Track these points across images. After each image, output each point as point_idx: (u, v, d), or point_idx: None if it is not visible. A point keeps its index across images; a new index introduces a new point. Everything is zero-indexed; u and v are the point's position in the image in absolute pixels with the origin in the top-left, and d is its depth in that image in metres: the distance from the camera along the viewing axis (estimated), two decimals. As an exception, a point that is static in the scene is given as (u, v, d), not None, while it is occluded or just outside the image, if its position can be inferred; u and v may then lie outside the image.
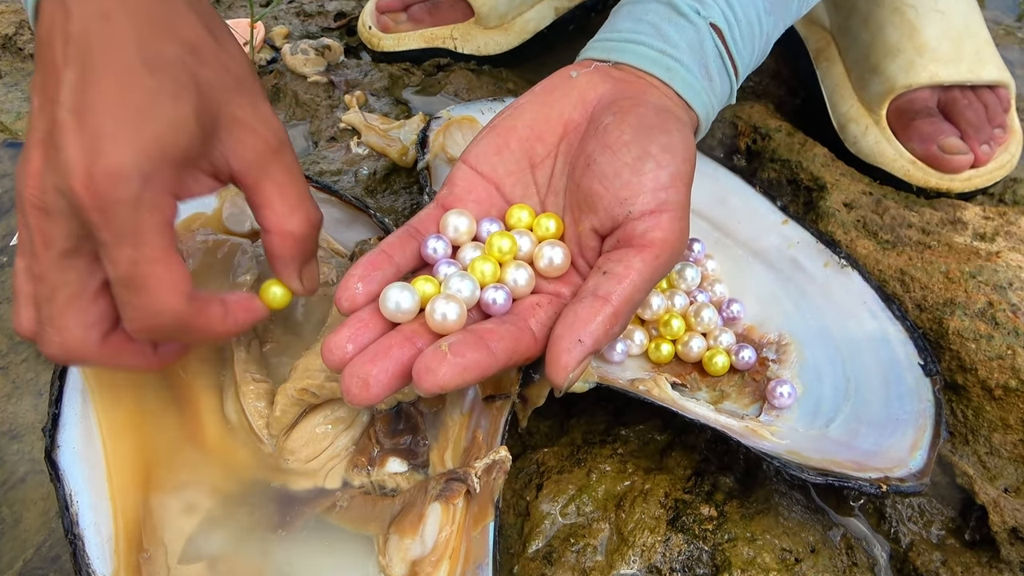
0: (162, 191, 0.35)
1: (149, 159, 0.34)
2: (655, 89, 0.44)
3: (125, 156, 0.33)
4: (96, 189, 0.33)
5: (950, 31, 0.69)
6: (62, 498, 0.41)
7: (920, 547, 0.47)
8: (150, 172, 0.34)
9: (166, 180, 0.35)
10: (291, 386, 0.42)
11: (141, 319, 0.36)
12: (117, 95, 0.34)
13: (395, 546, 0.40)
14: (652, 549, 0.44)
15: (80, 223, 0.35)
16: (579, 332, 0.37)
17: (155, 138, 0.34)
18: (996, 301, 0.53)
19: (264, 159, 0.39)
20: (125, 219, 0.34)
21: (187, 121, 0.35)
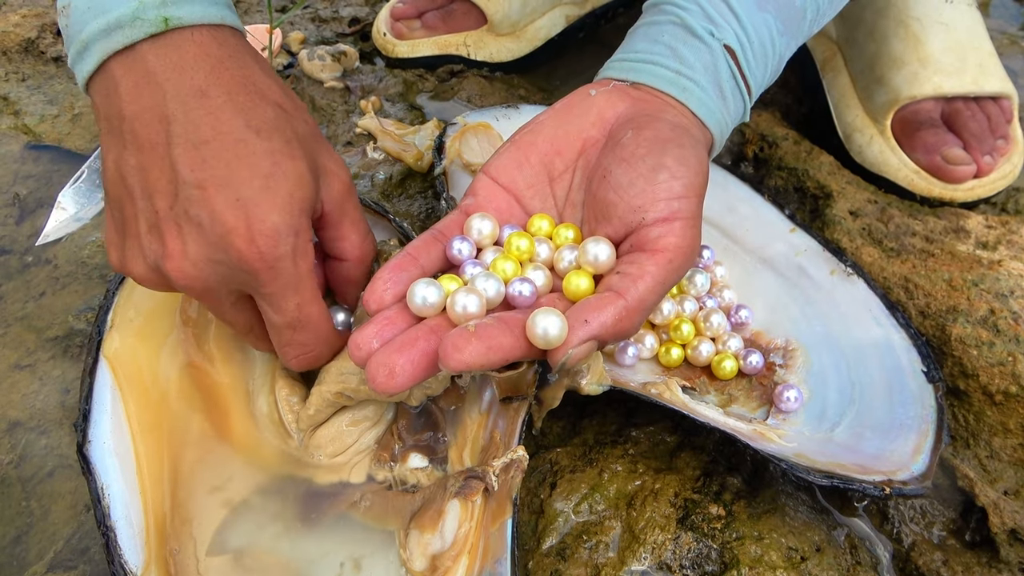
0: (307, 240, 0.40)
1: (292, 214, 0.39)
2: (671, 108, 0.45)
3: (277, 217, 0.38)
4: (261, 250, 0.38)
5: (954, 43, 0.70)
6: (94, 491, 0.42)
7: (922, 547, 0.48)
8: (296, 226, 0.39)
9: (307, 230, 0.40)
10: (327, 388, 0.43)
11: (306, 353, 0.42)
12: (240, 163, 0.38)
13: (416, 540, 0.41)
14: (662, 547, 0.46)
15: (239, 282, 0.40)
16: (587, 314, 0.38)
17: (290, 195, 0.39)
18: (998, 309, 0.55)
19: (343, 199, 0.44)
20: (288, 271, 0.39)
21: (306, 174, 0.40)
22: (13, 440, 0.51)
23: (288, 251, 0.38)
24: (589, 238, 0.41)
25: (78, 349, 0.56)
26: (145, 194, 0.39)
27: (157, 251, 0.39)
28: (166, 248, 0.38)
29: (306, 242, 0.40)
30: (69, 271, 0.61)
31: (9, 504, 0.49)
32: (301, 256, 0.39)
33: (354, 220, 0.45)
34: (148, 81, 0.39)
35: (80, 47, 0.40)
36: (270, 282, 0.39)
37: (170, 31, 0.39)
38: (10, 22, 0.80)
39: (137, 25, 0.39)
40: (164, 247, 0.38)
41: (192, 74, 0.39)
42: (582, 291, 0.41)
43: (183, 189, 0.38)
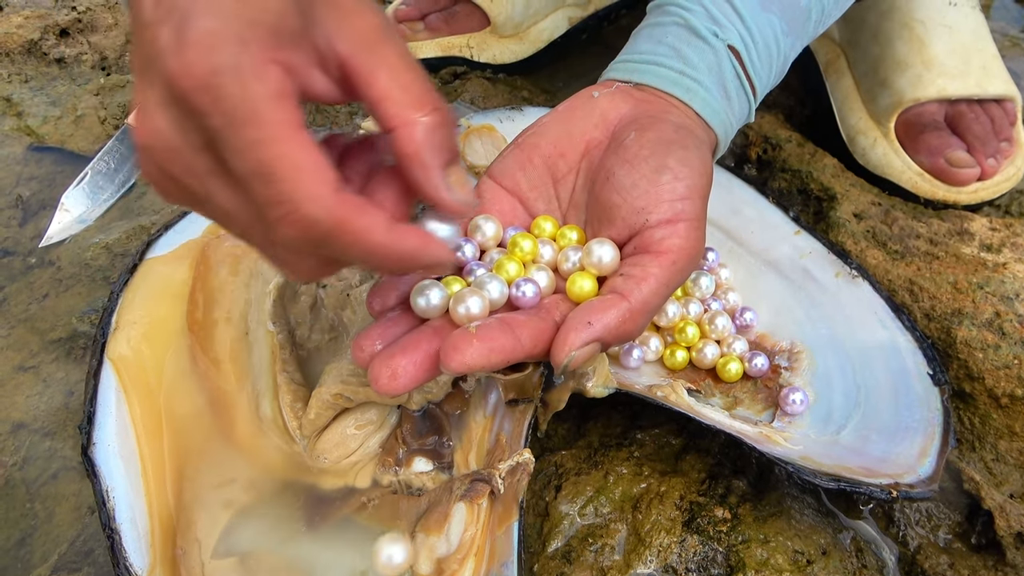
0: (264, 59, 0.30)
1: (239, 21, 0.29)
2: (675, 109, 0.45)
3: (211, 21, 0.29)
4: (190, 64, 0.29)
5: (958, 46, 0.70)
6: (99, 494, 0.42)
7: (928, 550, 0.48)
8: (244, 35, 0.29)
9: (267, 46, 0.30)
10: (326, 390, 0.43)
11: (287, 215, 0.30)
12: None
13: (422, 544, 0.41)
14: (668, 550, 0.46)
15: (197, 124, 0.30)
16: (590, 316, 0.38)
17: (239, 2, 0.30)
18: (1003, 311, 0.55)
19: (373, 41, 0.33)
20: (231, 91, 0.29)
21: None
22: (17, 442, 0.51)
23: (228, 63, 0.29)
24: (593, 240, 0.41)
25: (81, 351, 0.56)
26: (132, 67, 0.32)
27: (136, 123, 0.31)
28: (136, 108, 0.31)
29: (262, 62, 0.29)
30: (72, 273, 0.61)
31: (13, 506, 0.48)
32: (253, 76, 0.29)
33: (396, 70, 0.32)
34: None
35: None
36: (211, 108, 0.29)
37: None
38: (12, 24, 0.80)
39: None
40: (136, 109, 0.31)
41: None
42: (586, 293, 0.40)
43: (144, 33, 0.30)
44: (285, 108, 0.30)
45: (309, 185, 0.30)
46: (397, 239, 0.32)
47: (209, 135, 0.30)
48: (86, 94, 0.75)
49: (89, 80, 0.77)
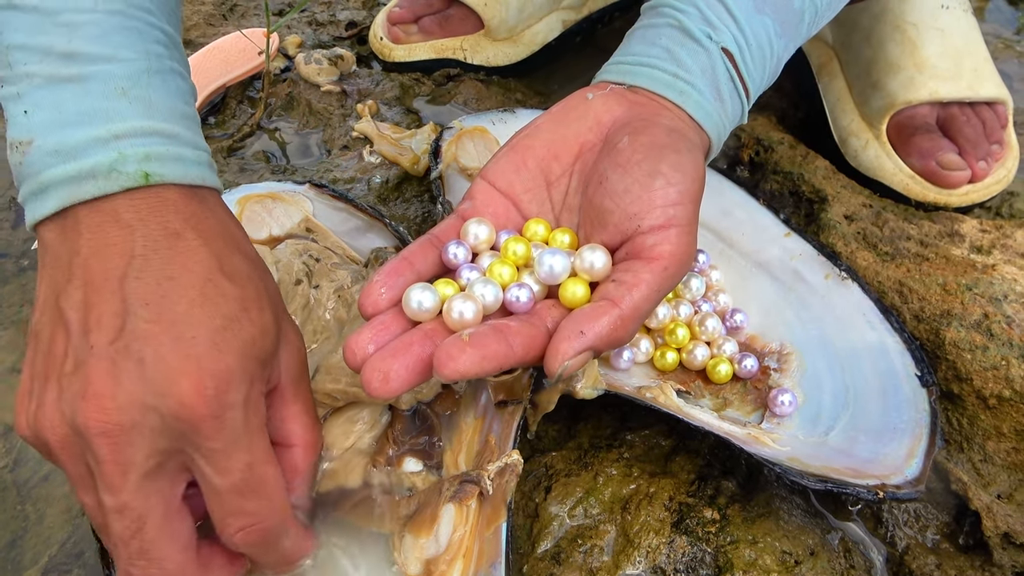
0: (261, 393, 0.36)
1: (252, 361, 0.35)
2: (668, 111, 0.45)
3: (233, 360, 0.33)
4: (209, 395, 0.32)
5: (950, 49, 0.70)
6: (89, 495, 0.42)
7: (916, 551, 0.48)
8: (253, 375, 0.35)
9: (262, 383, 0.36)
10: (315, 390, 0.44)
11: (251, 524, 0.35)
12: (206, 303, 0.34)
13: (410, 545, 0.41)
14: (657, 550, 0.46)
15: (173, 437, 0.33)
16: (582, 325, 0.38)
17: (252, 342, 0.35)
18: (991, 313, 0.55)
19: (299, 375, 0.40)
20: (238, 423, 0.34)
21: (270, 327, 0.37)
22: (8, 444, 0.51)
23: (240, 400, 0.34)
24: (585, 246, 0.41)
25: (74, 353, 0.56)
26: (83, 329, 0.33)
27: (76, 392, 0.32)
28: (89, 386, 0.32)
29: (259, 396, 0.35)
30: (65, 274, 0.61)
31: (4, 508, 0.49)
32: (254, 409, 0.35)
33: (306, 401, 0.40)
34: (116, 222, 0.35)
35: (37, 188, 0.36)
36: (215, 435, 0.33)
37: (150, 186, 0.36)
38: (7, 25, 0.80)
39: (114, 177, 0.35)
40: (87, 385, 0.32)
41: (167, 219, 0.36)
42: (578, 298, 0.41)
43: (131, 322, 0.33)
44: (267, 435, 0.36)
45: (280, 502, 0.36)
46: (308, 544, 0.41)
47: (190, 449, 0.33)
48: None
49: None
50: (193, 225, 0.36)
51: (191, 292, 0.34)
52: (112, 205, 0.35)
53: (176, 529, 0.34)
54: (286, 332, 0.39)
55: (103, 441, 0.32)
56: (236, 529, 0.35)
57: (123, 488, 0.33)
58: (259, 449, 0.35)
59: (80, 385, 0.33)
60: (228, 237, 0.38)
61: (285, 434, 0.39)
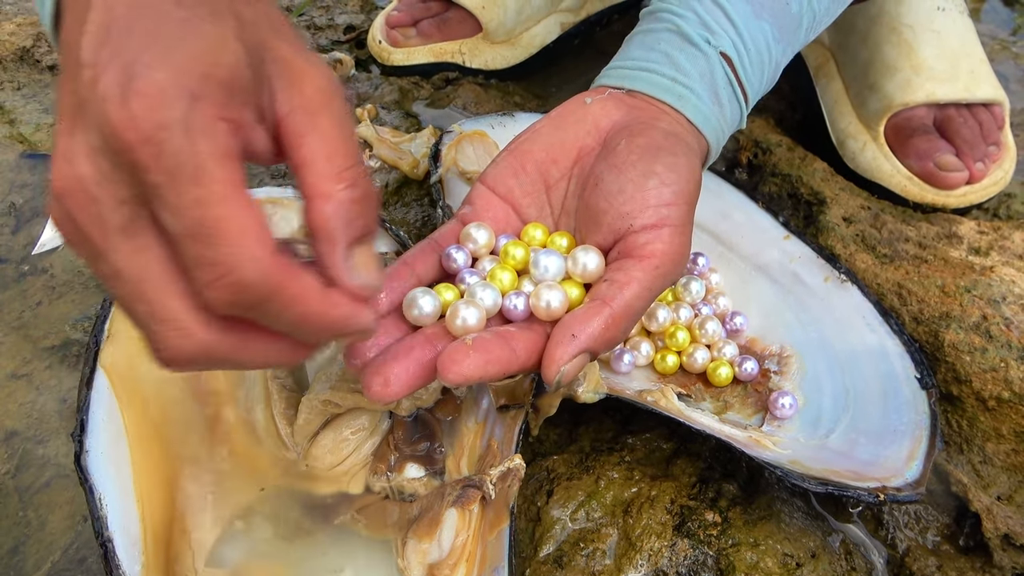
0: (213, 115, 0.29)
1: (191, 75, 0.28)
2: (667, 116, 0.45)
3: (162, 74, 0.28)
4: (136, 117, 0.27)
5: (946, 50, 0.71)
6: (92, 502, 0.42)
7: (916, 552, 0.48)
8: (196, 91, 0.28)
9: (217, 103, 0.29)
10: (315, 397, 0.44)
11: (221, 278, 0.28)
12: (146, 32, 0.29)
13: (413, 550, 0.41)
14: (659, 554, 0.46)
15: (130, 178, 0.28)
16: (574, 329, 0.38)
17: (194, 57, 0.29)
18: (990, 315, 0.55)
19: (312, 105, 0.32)
20: (178, 148, 0.28)
21: (228, 40, 0.30)
22: (10, 450, 0.51)
23: (176, 118, 0.27)
24: (578, 248, 0.42)
25: (75, 358, 0.56)
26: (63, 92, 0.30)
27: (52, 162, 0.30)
28: (55, 150, 0.29)
29: (211, 118, 0.28)
30: (66, 280, 0.61)
31: (6, 514, 0.49)
32: (202, 133, 0.28)
33: (327, 139, 0.32)
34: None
35: None
36: (153, 163, 0.27)
37: None
38: (5, 31, 0.80)
39: None
40: (55, 151, 0.30)
41: None
42: (573, 301, 0.41)
43: (79, 74, 0.29)
44: (230, 167, 0.29)
45: (249, 247, 0.28)
46: (329, 307, 0.31)
47: (141, 191, 0.28)
48: None
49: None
50: None
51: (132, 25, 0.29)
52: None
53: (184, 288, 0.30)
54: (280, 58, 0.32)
55: (69, 203, 0.29)
56: (204, 283, 0.29)
57: (107, 248, 0.29)
58: (214, 181, 0.28)
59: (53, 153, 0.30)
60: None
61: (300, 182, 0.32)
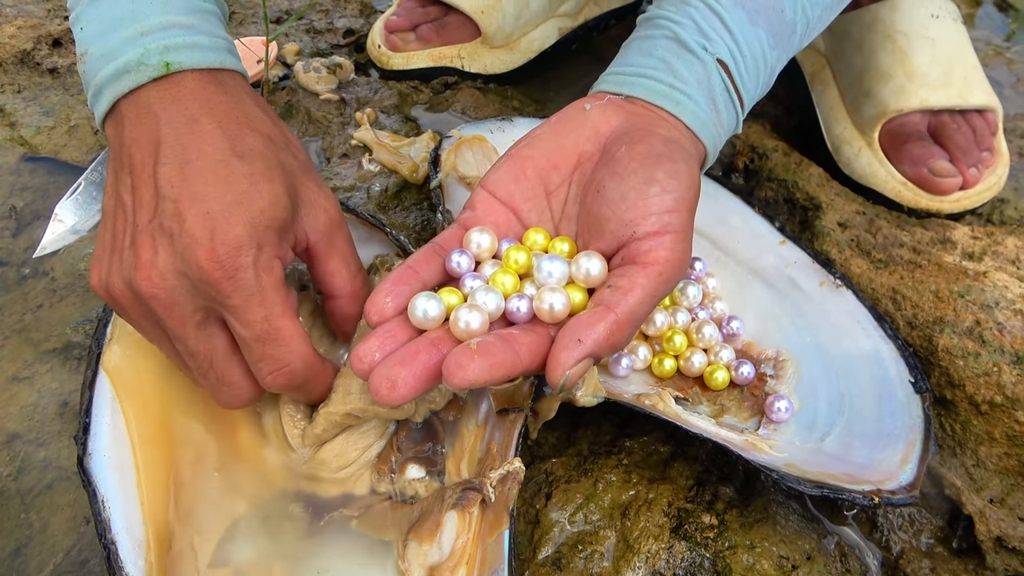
0: (272, 256, 0.41)
1: (258, 229, 0.40)
2: (665, 122, 0.46)
3: (240, 229, 0.39)
4: (221, 260, 0.38)
5: (940, 57, 0.72)
6: (95, 504, 0.42)
7: (910, 555, 0.49)
8: (261, 240, 0.40)
9: (274, 247, 0.41)
10: (334, 410, 0.44)
11: (278, 368, 0.41)
12: (218, 181, 0.40)
13: (414, 552, 0.42)
14: (656, 556, 0.46)
15: (204, 296, 0.39)
16: (579, 333, 0.38)
17: (260, 212, 0.40)
18: (983, 320, 0.56)
19: (331, 232, 0.45)
20: (250, 282, 0.39)
21: (282, 197, 0.41)
22: (12, 452, 0.52)
23: (249, 262, 0.39)
24: (581, 253, 0.42)
25: (76, 361, 0.56)
26: (133, 209, 0.40)
27: (131, 262, 0.40)
28: (139, 258, 0.39)
29: (271, 258, 0.40)
30: (66, 283, 0.61)
31: (8, 516, 0.49)
32: (264, 270, 0.40)
33: (344, 255, 0.46)
34: (147, 113, 0.42)
35: (95, 91, 0.43)
36: (232, 293, 0.39)
37: (172, 74, 0.42)
38: (5, 33, 0.80)
39: (142, 70, 0.42)
40: (137, 258, 0.39)
41: (186, 105, 0.42)
42: (576, 305, 0.41)
43: (161, 203, 0.39)
44: (283, 292, 0.41)
45: (300, 347, 0.41)
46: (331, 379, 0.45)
47: (218, 306, 0.40)
48: (79, 104, 0.75)
49: (82, 90, 0.78)
50: (208, 110, 0.42)
51: (206, 173, 0.40)
52: (144, 97, 0.42)
53: (238, 360, 0.42)
54: (307, 197, 0.44)
55: (155, 303, 0.40)
56: (266, 373, 0.41)
57: (186, 336, 0.40)
58: (274, 303, 0.40)
59: (132, 257, 0.40)
60: (242, 118, 0.43)
61: (328, 287, 0.46)
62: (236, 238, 0.39)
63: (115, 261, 0.41)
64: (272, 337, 0.40)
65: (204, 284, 0.39)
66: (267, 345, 0.40)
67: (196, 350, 0.41)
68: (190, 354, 0.41)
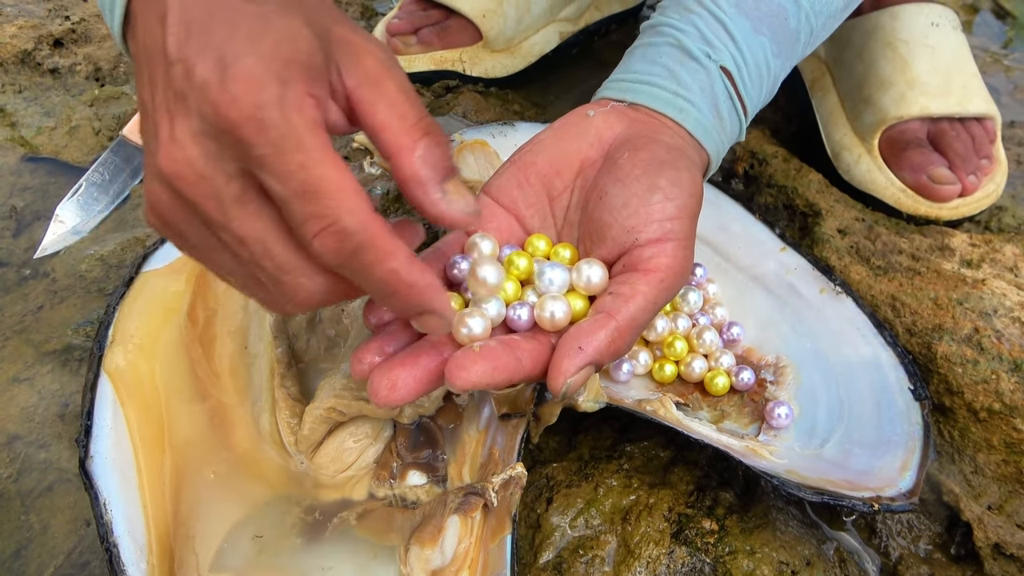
0: (302, 93, 0.33)
1: (276, 60, 0.33)
2: (668, 129, 0.46)
3: (252, 60, 0.32)
4: (236, 98, 0.32)
5: (940, 65, 0.72)
6: (96, 507, 0.43)
7: (909, 561, 0.49)
8: (283, 74, 0.33)
9: (301, 82, 0.33)
10: (319, 405, 0.44)
11: (327, 228, 0.33)
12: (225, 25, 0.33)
13: (416, 556, 0.42)
14: (657, 561, 0.47)
15: (233, 156, 0.33)
16: (580, 341, 0.38)
17: (275, 44, 0.33)
18: (981, 327, 0.56)
19: (377, 76, 0.36)
20: (277, 123, 0.32)
21: (301, 29, 0.34)
22: (12, 454, 0.52)
23: (272, 98, 0.32)
24: (582, 260, 0.42)
25: (77, 363, 0.56)
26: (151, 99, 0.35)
27: (153, 151, 0.34)
28: (158, 139, 0.34)
29: (301, 95, 0.33)
30: (67, 284, 0.61)
31: (8, 518, 0.49)
32: (294, 108, 0.33)
33: (395, 103, 0.36)
34: None
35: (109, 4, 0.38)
36: (257, 138, 0.32)
37: None
38: (6, 33, 0.80)
39: None
40: (156, 140, 0.34)
41: None
42: (577, 312, 0.41)
43: (171, 69, 0.33)
44: (321, 135, 0.33)
45: (350, 200, 0.33)
46: (415, 270, 0.35)
47: (248, 163, 0.33)
48: (80, 105, 0.75)
49: (83, 91, 0.78)
50: None
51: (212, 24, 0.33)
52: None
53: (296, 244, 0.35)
54: (342, 37, 0.36)
55: (183, 184, 0.33)
56: (312, 235, 0.33)
57: (227, 218, 0.34)
58: (312, 148, 0.33)
59: (153, 144, 0.34)
60: None
61: (382, 146, 0.37)
62: (248, 70, 0.32)
63: (147, 166, 0.35)
64: (313, 190, 0.33)
65: (227, 136, 0.33)
66: (308, 200, 0.33)
67: (243, 233, 0.34)
68: (239, 241, 0.35)
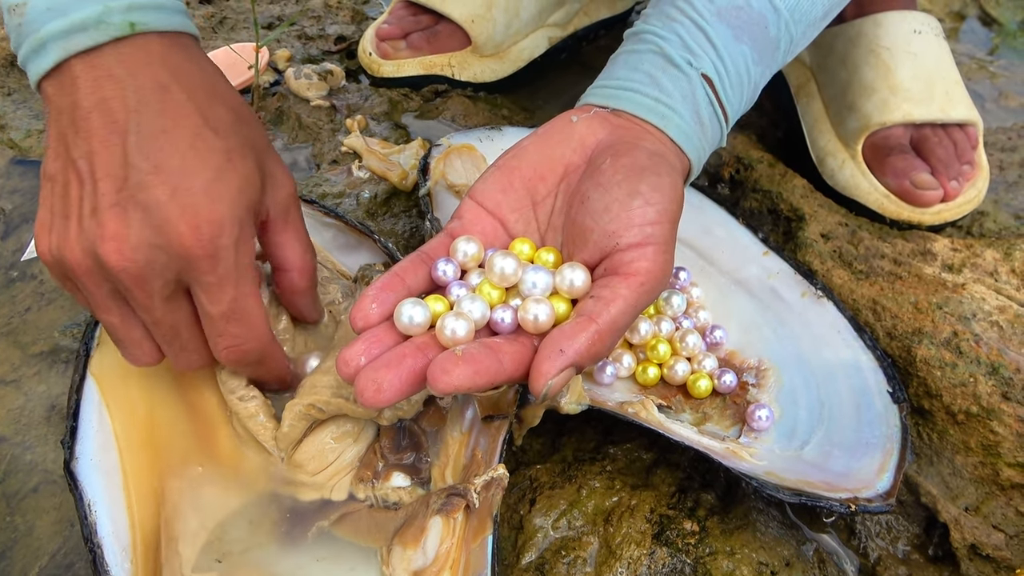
0: (249, 235, 0.42)
1: (238, 207, 0.40)
2: (650, 135, 0.47)
3: (223, 207, 0.40)
4: (203, 239, 0.39)
5: (922, 72, 0.73)
6: (81, 508, 0.43)
7: (887, 561, 0.50)
8: (241, 219, 0.41)
9: (250, 225, 0.42)
10: (298, 402, 0.45)
11: (238, 347, 0.43)
12: (196, 156, 0.40)
13: (398, 557, 0.42)
14: (638, 562, 0.47)
15: (177, 270, 0.40)
16: (561, 344, 0.39)
17: (239, 190, 0.41)
18: (960, 331, 0.57)
19: (288, 207, 0.46)
20: (229, 260, 0.40)
21: (255, 175, 0.42)
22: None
23: (231, 242, 0.40)
24: (565, 264, 0.43)
25: (63, 365, 0.57)
26: (92, 179, 0.39)
27: (95, 234, 0.39)
28: (105, 230, 0.38)
29: (248, 237, 0.41)
30: (54, 287, 0.61)
31: (-7, 520, 0.49)
32: (243, 249, 0.41)
33: (297, 229, 0.47)
34: (109, 76, 0.39)
35: (36, 44, 0.40)
36: (210, 271, 0.39)
37: (136, 35, 0.40)
38: (-4, 36, 0.80)
39: (102, 28, 0.39)
40: (104, 229, 0.39)
41: (155, 71, 0.40)
42: (559, 315, 0.42)
43: (134, 174, 0.38)
44: (254, 271, 0.42)
45: (259, 329, 0.43)
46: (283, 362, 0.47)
47: (188, 279, 0.40)
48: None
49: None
50: (177, 78, 0.41)
51: (182, 145, 0.39)
52: (104, 59, 0.39)
53: (199, 331, 0.43)
54: (271, 172, 0.45)
55: (125, 276, 0.39)
56: (223, 347, 0.43)
57: (153, 308, 0.41)
58: (245, 284, 0.41)
59: (98, 228, 0.39)
60: (211, 89, 0.42)
61: (280, 260, 0.47)
62: (220, 216, 0.39)
63: (71, 229, 0.40)
64: (237, 316, 0.41)
65: (182, 260, 0.39)
66: (230, 323, 0.41)
67: (162, 320, 0.41)
68: (155, 323, 0.42)
